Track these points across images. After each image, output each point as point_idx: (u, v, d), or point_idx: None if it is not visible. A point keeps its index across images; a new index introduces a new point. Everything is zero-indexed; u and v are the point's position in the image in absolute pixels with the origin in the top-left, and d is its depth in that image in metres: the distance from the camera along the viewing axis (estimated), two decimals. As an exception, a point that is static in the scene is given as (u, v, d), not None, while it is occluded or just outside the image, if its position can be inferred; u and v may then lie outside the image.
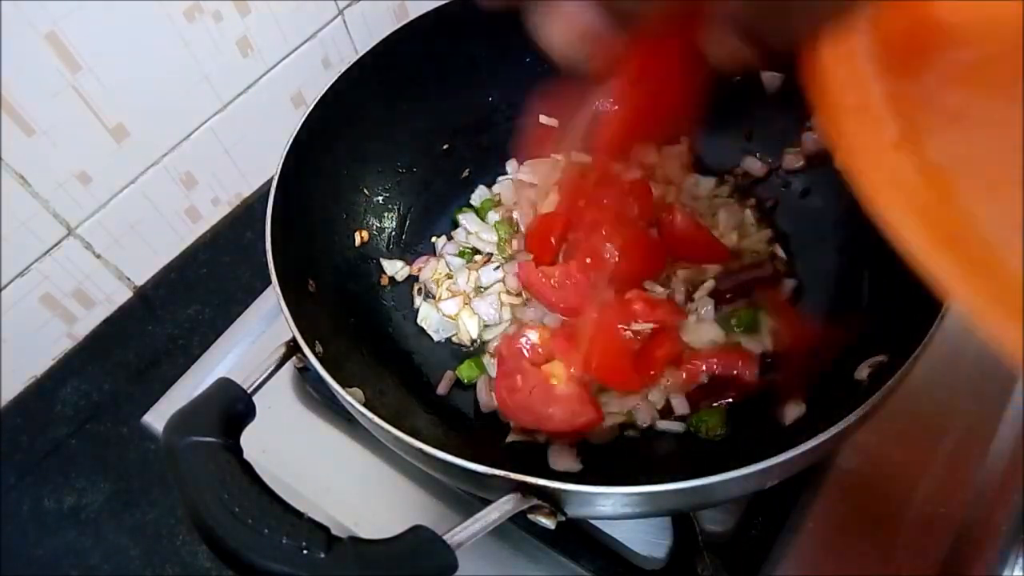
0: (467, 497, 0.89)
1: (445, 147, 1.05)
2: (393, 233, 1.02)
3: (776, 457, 0.60)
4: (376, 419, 0.66)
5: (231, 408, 0.62)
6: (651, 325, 0.87)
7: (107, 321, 1.03)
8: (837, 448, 0.87)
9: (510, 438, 0.84)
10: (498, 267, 0.98)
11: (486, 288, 0.97)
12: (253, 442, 0.63)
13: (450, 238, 1.04)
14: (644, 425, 0.85)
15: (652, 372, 0.86)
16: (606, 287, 0.89)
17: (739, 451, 0.78)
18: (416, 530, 0.54)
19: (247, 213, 1.14)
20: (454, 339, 0.95)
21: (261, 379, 0.67)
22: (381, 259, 0.99)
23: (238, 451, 0.60)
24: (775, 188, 1.00)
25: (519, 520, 0.62)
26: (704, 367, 0.86)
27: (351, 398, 0.68)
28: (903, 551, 0.82)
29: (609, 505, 0.63)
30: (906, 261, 0.37)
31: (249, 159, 1.11)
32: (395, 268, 0.99)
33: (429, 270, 1.00)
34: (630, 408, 0.85)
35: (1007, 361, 0.35)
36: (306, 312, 0.76)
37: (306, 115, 0.86)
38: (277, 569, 0.50)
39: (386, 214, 1.01)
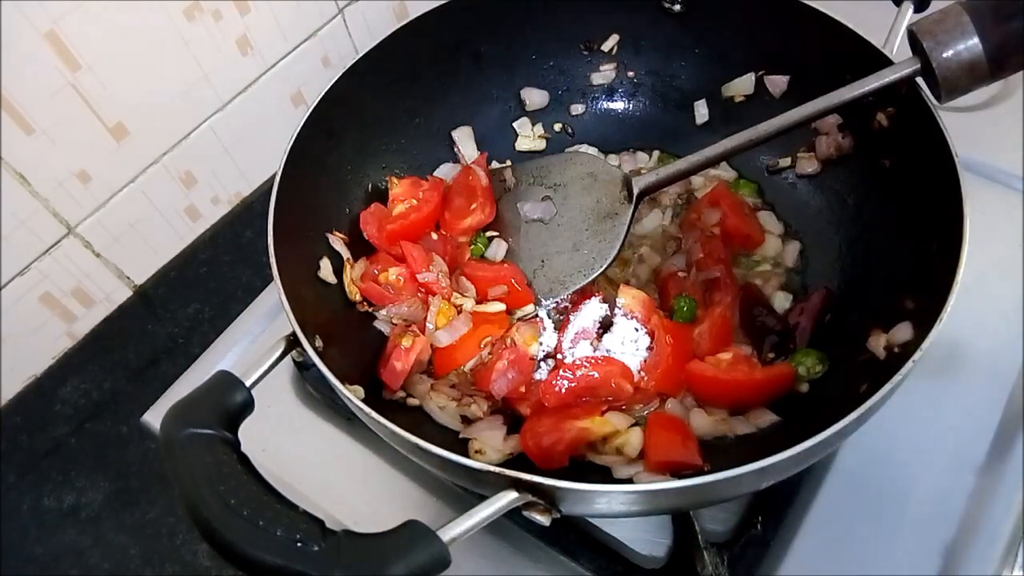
0: (464, 495, 0.89)
1: (449, 143, 1.05)
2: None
3: (774, 457, 0.60)
4: (375, 414, 0.66)
5: (230, 400, 0.62)
6: None
7: (107, 320, 1.04)
8: (837, 448, 0.87)
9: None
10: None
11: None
12: (253, 441, 0.63)
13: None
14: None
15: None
16: None
17: (738, 450, 0.78)
18: (409, 524, 0.54)
19: (247, 212, 1.14)
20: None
21: (260, 372, 0.66)
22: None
23: (236, 443, 0.60)
24: (781, 187, 1.00)
25: (520, 519, 0.62)
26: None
27: (350, 393, 0.68)
28: (903, 550, 0.82)
29: (604, 503, 0.63)
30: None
31: (249, 158, 1.11)
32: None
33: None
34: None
35: None
36: (307, 307, 0.76)
37: (312, 108, 0.86)
38: (271, 561, 0.50)
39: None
